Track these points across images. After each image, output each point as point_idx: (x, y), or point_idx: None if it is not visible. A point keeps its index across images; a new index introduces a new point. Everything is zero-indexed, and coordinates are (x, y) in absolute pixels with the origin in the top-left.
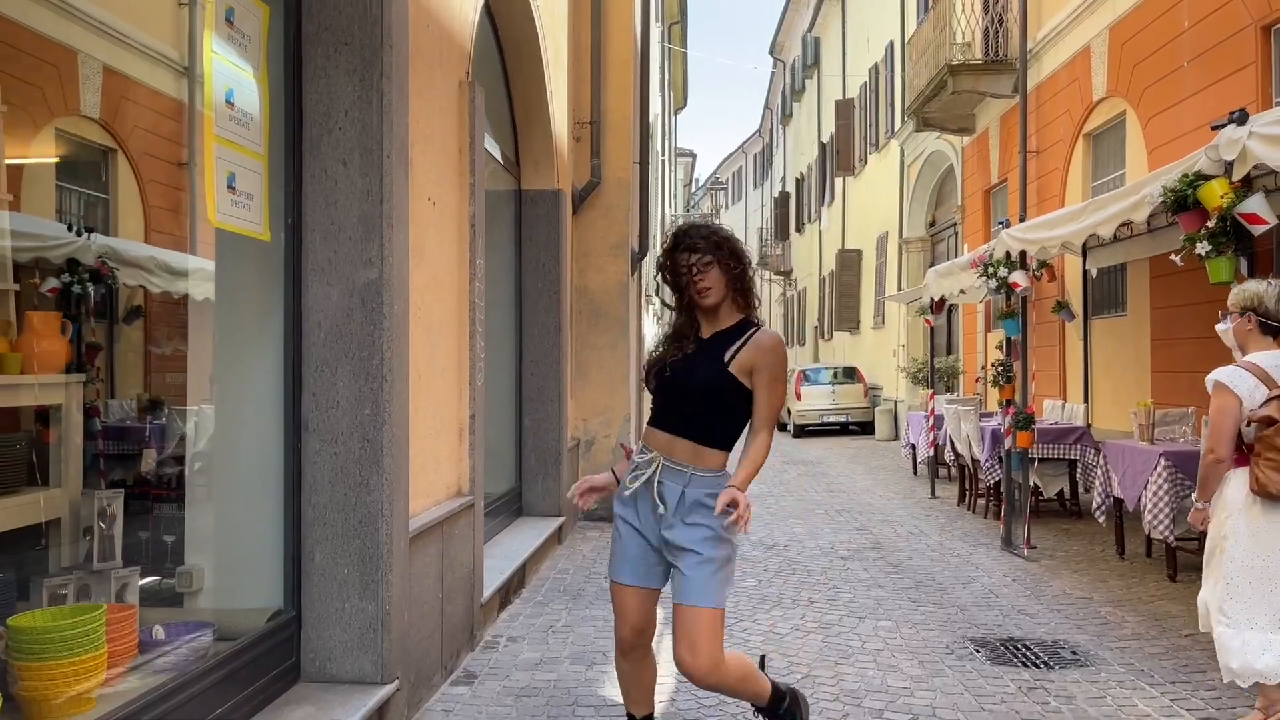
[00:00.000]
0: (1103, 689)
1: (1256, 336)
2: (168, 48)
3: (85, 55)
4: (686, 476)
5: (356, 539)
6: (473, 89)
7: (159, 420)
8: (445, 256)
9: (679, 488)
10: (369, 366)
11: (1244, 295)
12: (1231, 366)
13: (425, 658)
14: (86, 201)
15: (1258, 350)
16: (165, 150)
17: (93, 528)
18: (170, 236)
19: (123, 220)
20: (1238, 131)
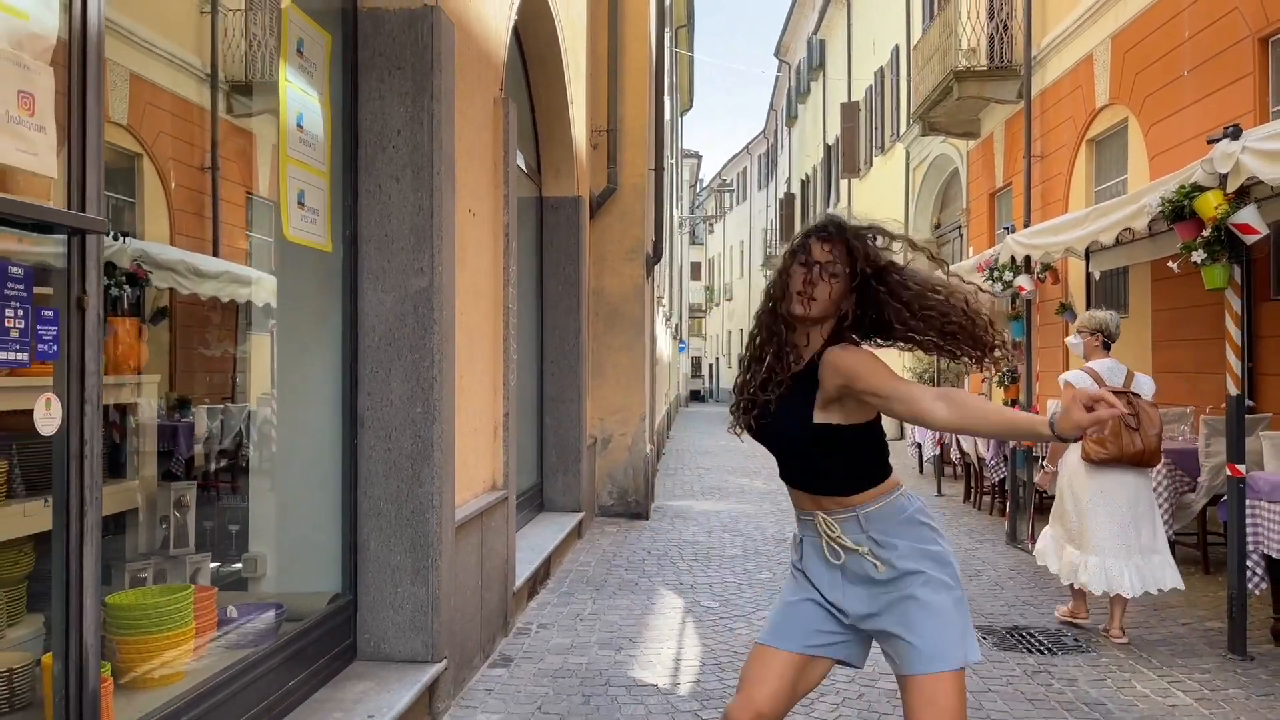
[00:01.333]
0: (1104, 672)
1: (1099, 350)
2: (190, 54)
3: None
4: (855, 519)
5: (408, 528)
6: (506, 105)
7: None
8: (483, 264)
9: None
10: (420, 368)
11: (1095, 320)
12: (1077, 370)
13: (468, 641)
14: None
15: (1096, 359)
16: (189, 155)
17: (169, 517)
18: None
19: (149, 223)
20: (1232, 146)
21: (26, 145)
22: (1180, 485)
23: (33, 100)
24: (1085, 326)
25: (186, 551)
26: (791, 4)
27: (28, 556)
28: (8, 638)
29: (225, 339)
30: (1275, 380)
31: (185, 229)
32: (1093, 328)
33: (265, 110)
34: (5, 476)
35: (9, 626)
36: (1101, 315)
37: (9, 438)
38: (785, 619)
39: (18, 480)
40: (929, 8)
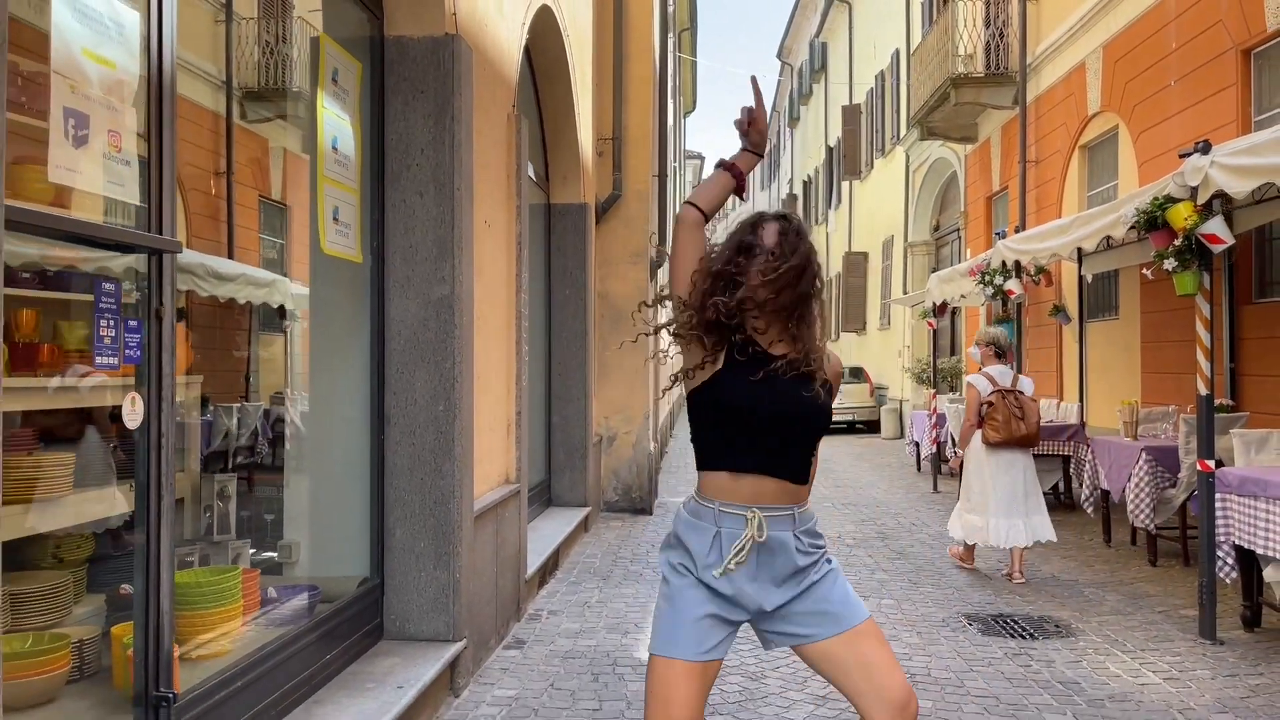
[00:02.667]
0: (1080, 655)
1: (992, 359)
2: (206, 63)
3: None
4: (792, 520)
5: (431, 517)
6: (518, 121)
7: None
8: (498, 271)
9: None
10: (442, 369)
11: (989, 335)
12: (976, 374)
13: (484, 623)
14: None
15: (991, 365)
16: (205, 160)
17: (212, 506)
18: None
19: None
20: (1201, 160)
21: (115, 177)
22: (1161, 481)
23: (120, 138)
24: (981, 340)
25: (228, 538)
26: (794, 7)
27: (89, 541)
28: (73, 614)
29: (259, 341)
30: (1256, 380)
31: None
32: (987, 341)
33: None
34: (73, 467)
35: (74, 605)
36: (994, 331)
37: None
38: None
39: (85, 470)
40: (928, 14)
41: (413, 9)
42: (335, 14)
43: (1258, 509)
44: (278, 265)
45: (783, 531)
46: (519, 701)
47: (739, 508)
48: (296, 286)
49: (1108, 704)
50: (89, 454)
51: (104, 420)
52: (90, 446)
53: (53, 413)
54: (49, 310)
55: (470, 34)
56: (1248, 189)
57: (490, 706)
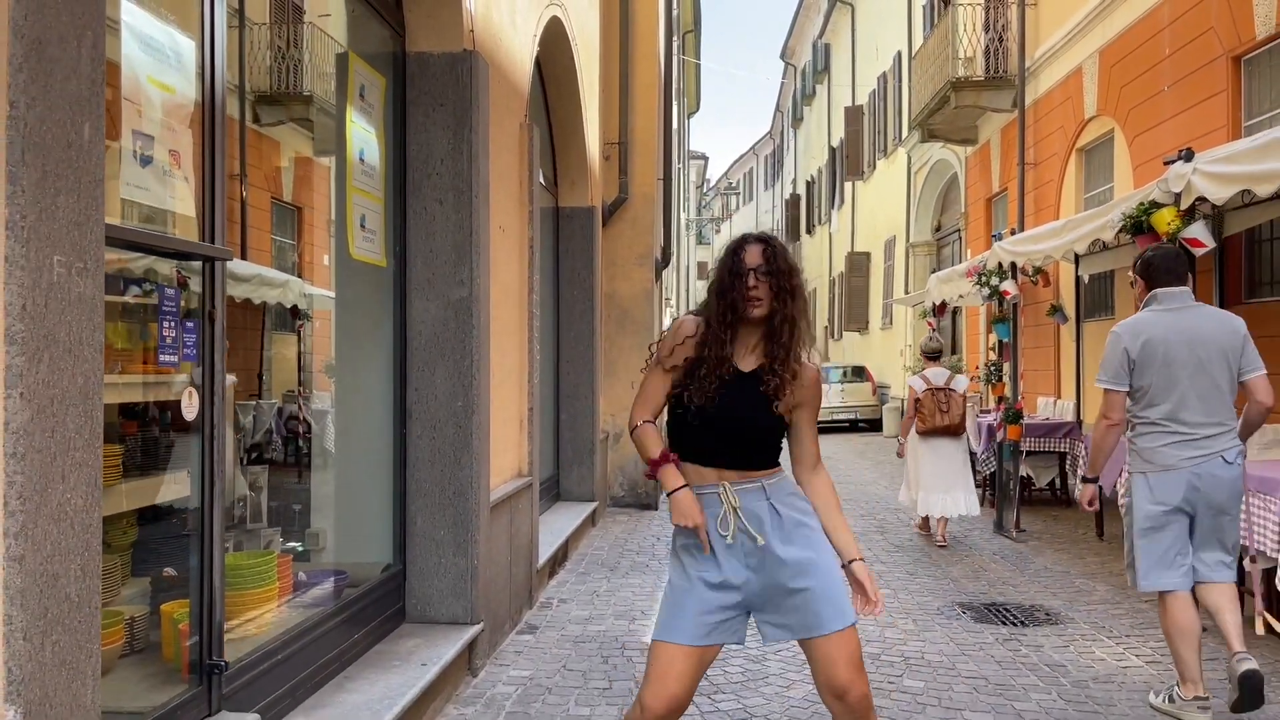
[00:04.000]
0: (1068, 641)
1: (928, 362)
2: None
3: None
4: (760, 488)
5: (451, 507)
6: (530, 129)
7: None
8: (511, 274)
9: (764, 503)
10: (461, 367)
11: (925, 346)
12: (914, 376)
13: (499, 609)
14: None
15: (928, 369)
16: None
17: (246, 496)
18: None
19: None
20: (1185, 167)
21: (175, 193)
22: None
23: (179, 157)
24: (922, 349)
25: (261, 526)
26: (797, 8)
27: (134, 528)
28: (121, 595)
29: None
30: None
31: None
32: (923, 351)
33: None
34: (121, 458)
35: (121, 586)
36: (925, 341)
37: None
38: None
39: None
40: (929, 17)
41: (433, 26)
42: (361, 32)
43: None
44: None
45: (756, 502)
46: (533, 681)
47: (709, 487)
48: (309, 287)
49: (1091, 685)
50: (139, 445)
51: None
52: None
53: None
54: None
55: (486, 49)
56: (1227, 195)
57: (506, 685)
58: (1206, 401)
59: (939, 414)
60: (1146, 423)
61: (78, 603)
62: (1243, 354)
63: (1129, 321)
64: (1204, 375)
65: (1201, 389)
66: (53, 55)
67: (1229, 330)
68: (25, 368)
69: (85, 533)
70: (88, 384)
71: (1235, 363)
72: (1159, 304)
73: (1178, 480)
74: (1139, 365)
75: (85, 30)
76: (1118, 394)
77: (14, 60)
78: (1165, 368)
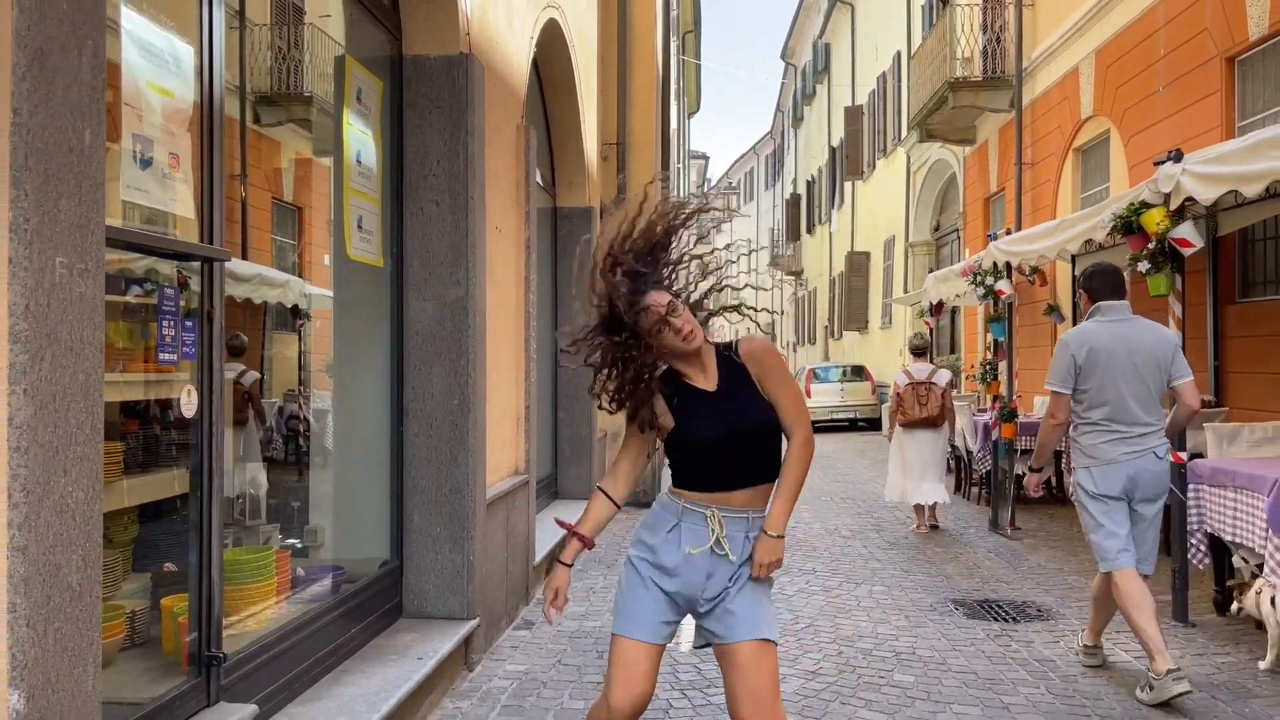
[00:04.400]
0: (1058, 636)
1: (911, 358)
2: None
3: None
4: (747, 523)
5: (447, 504)
6: (527, 131)
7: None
8: (508, 274)
9: (741, 535)
10: (457, 366)
11: (911, 342)
12: (900, 371)
13: (496, 604)
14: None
15: (911, 364)
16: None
17: (245, 493)
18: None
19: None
20: (1174, 168)
21: (175, 195)
22: None
23: (179, 160)
24: (908, 344)
25: (259, 522)
26: (797, 8)
27: (134, 524)
28: (122, 590)
29: (278, 338)
30: (1240, 377)
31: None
32: (910, 345)
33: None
34: (122, 454)
35: (122, 581)
36: (912, 338)
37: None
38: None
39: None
40: (928, 17)
41: (429, 30)
42: (358, 35)
43: (1226, 498)
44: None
45: (734, 531)
46: (528, 675)
47: (700, 507)
48: (309, 286)
49: (1080, 680)
50: (140, 442)
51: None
52: (143, 435)
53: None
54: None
55: (482, 52)
56: (1215, 196)
57: (502, 679)
58: (1141, 404)
59: (918, 406)
60: (1089, 423)
61: (79, 592)
62: (1173, 362)
63: (1075, 331)
64: (1139, 380)
65: (1137, 393)
66: (54, 64)
67: (1162, 341)
68: (28, 365)
69: (87, 525)
70: (89, 381)
71: (1167, 369)
72: (1102, 315)
73: (1117, 473)
74: (1084, 371)
75: (86, 39)
76: (1064, 396)
77: (17, 69)
78: (1106, 373)
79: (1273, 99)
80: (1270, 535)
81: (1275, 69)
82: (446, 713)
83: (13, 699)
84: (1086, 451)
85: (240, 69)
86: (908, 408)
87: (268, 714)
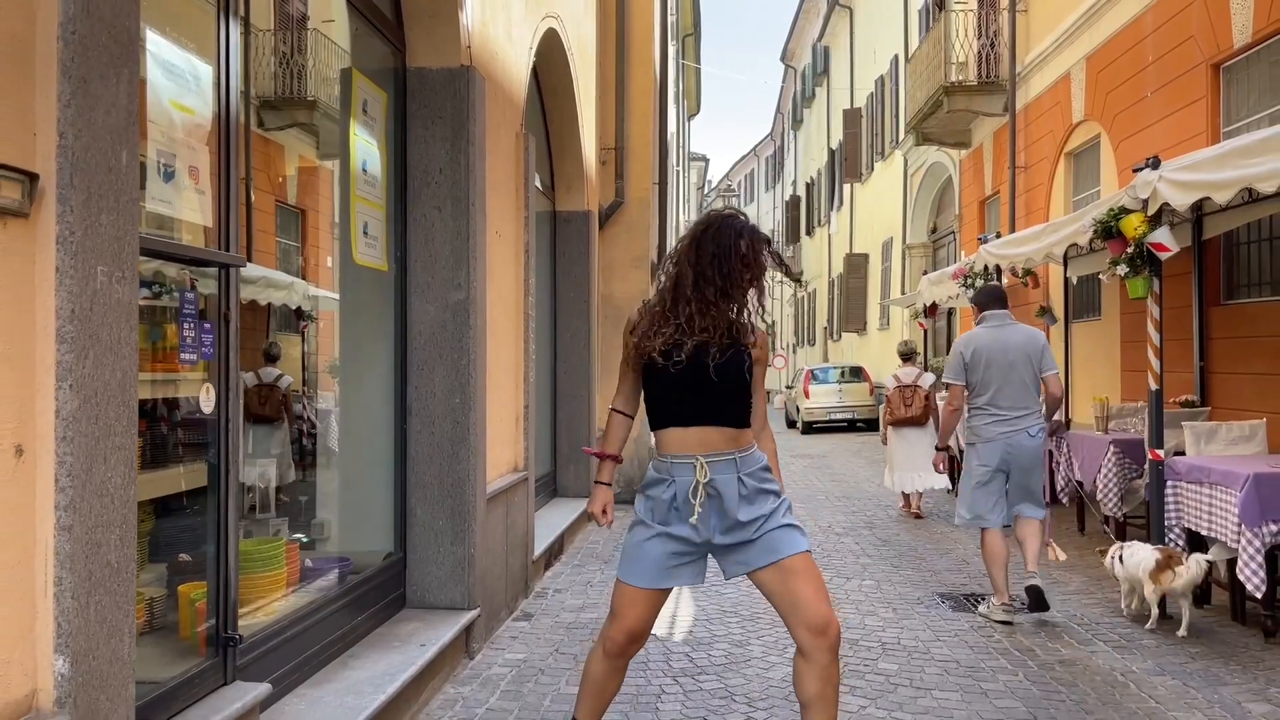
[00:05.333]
0: (1039, 627)
1: (901, 363)
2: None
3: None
4: (735, 462)
5: (449, 499)
6: (526, 139)
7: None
8: (507, 277)
9: (733, 477)
10: (458, 366)
11: (899, 349)
12: (890, 375)
13: (495, 596)
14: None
15: (901, 368)
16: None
17: (254, 487)
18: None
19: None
20: (1151, 175)
21: (195, 205)
22: (1129, 472)
23: (198, 172)
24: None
25: (269, 516)
26: (796, 10)
27: (151, 517)
28: (140, 579)
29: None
30: (1224, 378)
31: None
32: (899, 352)
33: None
34: (144, 449)
35: (141, 570)
36: (899, 345)
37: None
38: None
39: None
40: (925, 21)
41: (432, 43)
42: (363, 49)
43: (1202, 494)
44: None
45: (725, 474)
46: (527, 663)
47: (687, 457)
48: (313, 289)
49: (1057, 668)
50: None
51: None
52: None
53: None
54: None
55: (483, 63)
56: (1189, 202)
57: (501, 667)
58: (1016, 392)
59: (904, 407)
60: (976, 408)
61: (117, 568)
62: (1042, 357)
63: (965, 335)
64: (1013, 374)
65: (1012, 384)
66: (95, 91)
67: (1032, 341)
68: (74, 363)
69: (123, 507)
70: (125, 378)
71: (1037, 363)
72: (986, 322)
73: (996, 448)
74: (970, 366)
75: (123, 68)
76: (956, 387)
77: (62, 97)
78: (987, 368)
79: (1257, 105)
80: (1243, 529)
81: (1259, 76)
82: (448, 697)
83: (58, 664)
84: (974, 431)
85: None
86: (895, 408)
87: (280, 693)
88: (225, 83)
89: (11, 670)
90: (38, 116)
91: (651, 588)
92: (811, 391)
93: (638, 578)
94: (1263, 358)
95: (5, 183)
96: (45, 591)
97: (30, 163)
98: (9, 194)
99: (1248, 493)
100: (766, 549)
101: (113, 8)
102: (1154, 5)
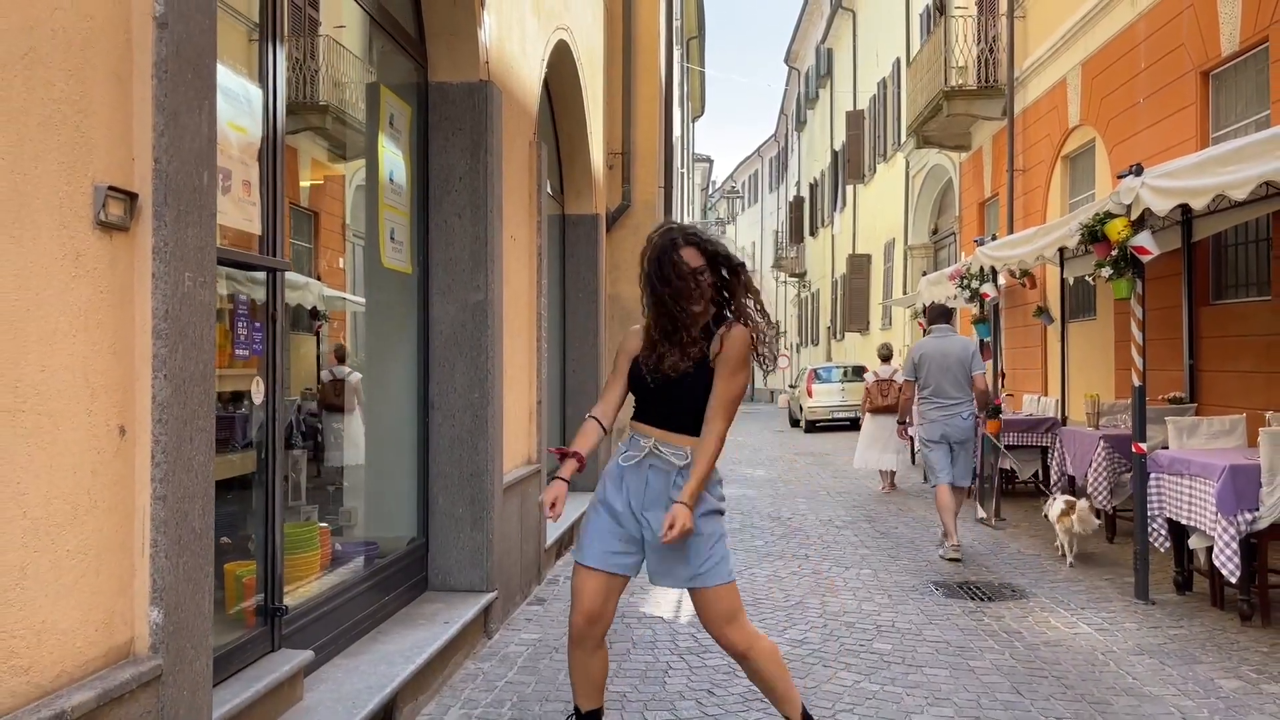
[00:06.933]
0: (1027, 612)
1: (879, 363)
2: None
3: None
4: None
5: (468, 488)
6: (539, 146)
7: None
8: (521, 279)
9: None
10: (477, 363)
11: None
12: (870, 372)
13: (511, 581)
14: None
15: (880, 366)
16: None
17: (288, 476)
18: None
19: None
20: (1134, 181)
21: (247, 216)
22: (1119, 466)
23: (250, 186)
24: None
25: (300, 503)
26: (800, 13)
27: None
28: None
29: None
30: (1213, 376)
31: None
32: (879, 354)
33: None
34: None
35: None
36: (880, 348)
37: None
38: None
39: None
40: (926, 25)
41: (452, 59)
42: (389, 65)
43: (1182, 485)
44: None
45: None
46: (542, 643)
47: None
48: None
49: (1042, 648)
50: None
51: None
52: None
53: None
54: None
55: (499, 77)
56: (1168, 207)
57: (518, 646)
58: (952, 387)
59: (880, 397)
60: (924, 398)
61: (199, 533)
62: (972, 361)
63: (918, 343)
64: (950, 372)
65: (949, 380)
66: (184, 122)
67: (964, 347)
68: (167, 356)
69: (205, 481)
70: (206, 369)
71: (967, 365)
72: (933, 334)
73: (936, 428)
74: (919, 366)
75: (204, 100)
76: (909, 382)
77: (157, 127)
78: (930, 369)
79: (1245, 111)
80: (1219, 517)
81: (1246, 83)
82: (470, 672)
83: (153, 614)
84: (922, 414)
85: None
86: (873, 399)
87: (320, 661)
88: (273, 104)
89: (115, 619)
90: (135, 143)
91: (597, 568)
92: (814, 391)
93: (584, 555)
94: (1249, 356)
95: (113, 201)
96: (143, 552)
97: (130, 184)
98: (115, 211)
99: (1224, 483)
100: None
101: (196, 49)
102: (1146, 13)
